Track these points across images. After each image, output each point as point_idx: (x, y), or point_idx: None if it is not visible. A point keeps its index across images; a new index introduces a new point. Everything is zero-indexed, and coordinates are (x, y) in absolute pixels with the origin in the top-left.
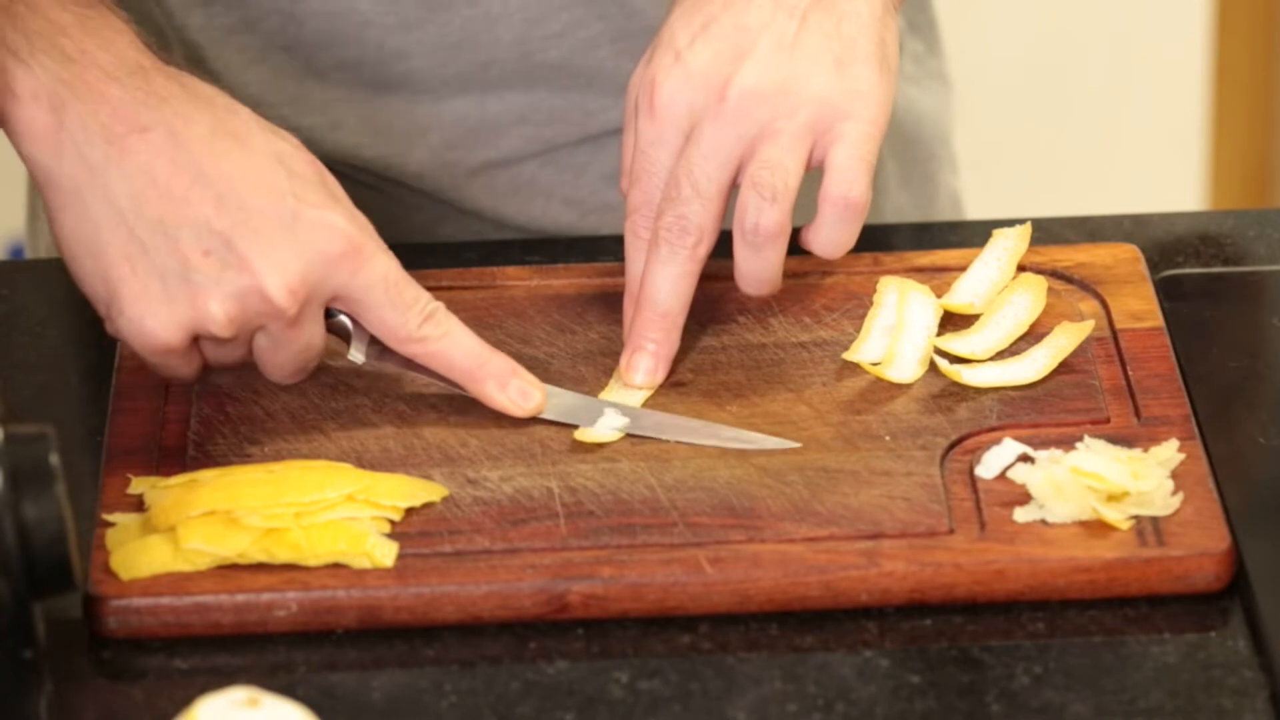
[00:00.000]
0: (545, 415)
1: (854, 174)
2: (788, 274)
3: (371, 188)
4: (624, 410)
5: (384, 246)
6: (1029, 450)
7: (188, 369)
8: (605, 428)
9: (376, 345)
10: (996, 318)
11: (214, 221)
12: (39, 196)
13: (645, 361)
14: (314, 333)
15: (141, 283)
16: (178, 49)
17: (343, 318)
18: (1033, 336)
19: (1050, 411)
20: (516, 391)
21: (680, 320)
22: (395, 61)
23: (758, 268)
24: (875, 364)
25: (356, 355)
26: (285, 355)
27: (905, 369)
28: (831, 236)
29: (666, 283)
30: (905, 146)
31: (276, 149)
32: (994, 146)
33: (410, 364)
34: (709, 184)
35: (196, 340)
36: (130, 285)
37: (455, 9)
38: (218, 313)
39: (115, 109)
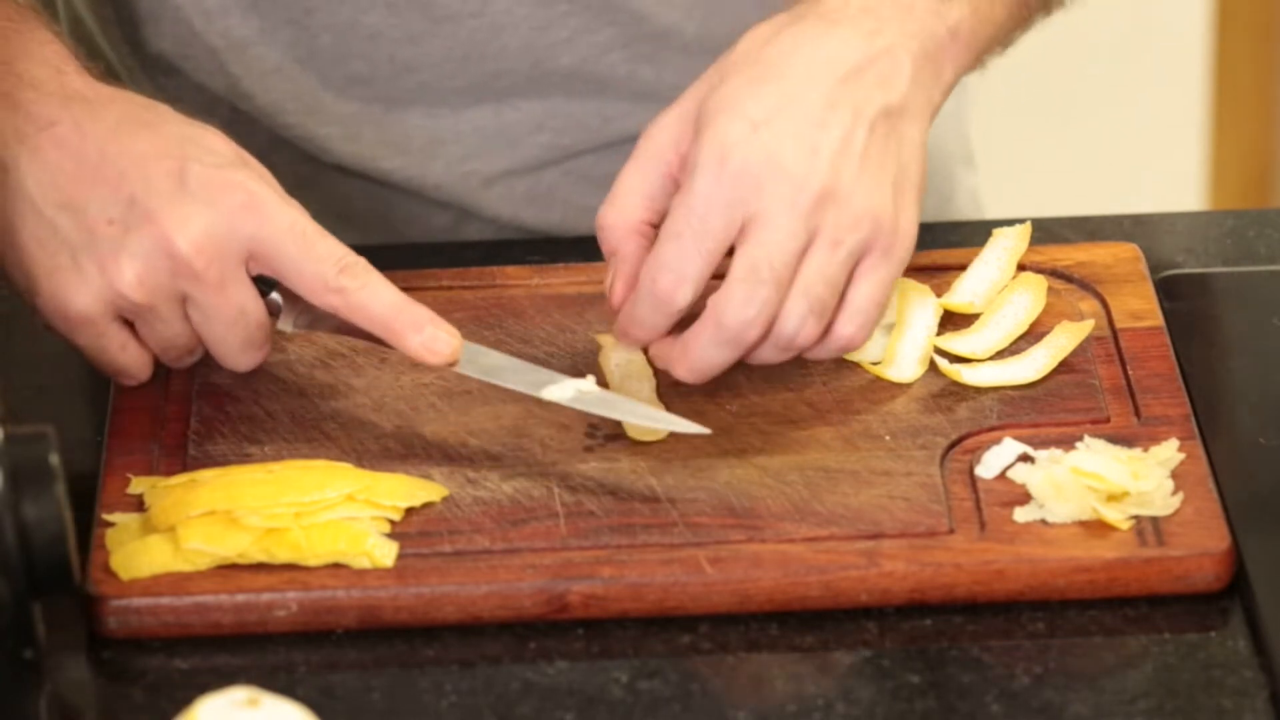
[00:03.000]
0: (501, 383)
1: (866, 319)
2: None
3: (391, 191)
4: (573, 385)
5: (293, 203)
6: (1029, 450)
7: (124, 355)
8: (555, 394)
9: (306, 314)
10: (996, 317)
11: (117, 192)
12: None
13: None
14: (244, 297)
15: (52, 260)
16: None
17: (275, 295)
18: (1033, 336)
19: (1050, 411)
20: (430, 338)
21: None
22: (406, 75)
23: (771, 360)
24: (875, 364)
25: (285, 325)
26: (221, 326)
27: (905, 369)
28: (816, 354)
29: (713, 361)
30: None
31: (187, 133)
32: (994, 146)
33: (340, 326)
34: (785, 271)
35: (125, 321)
36: (41, 265)
37: (460, 20)
38: (128, 274)
39: (26, 111)
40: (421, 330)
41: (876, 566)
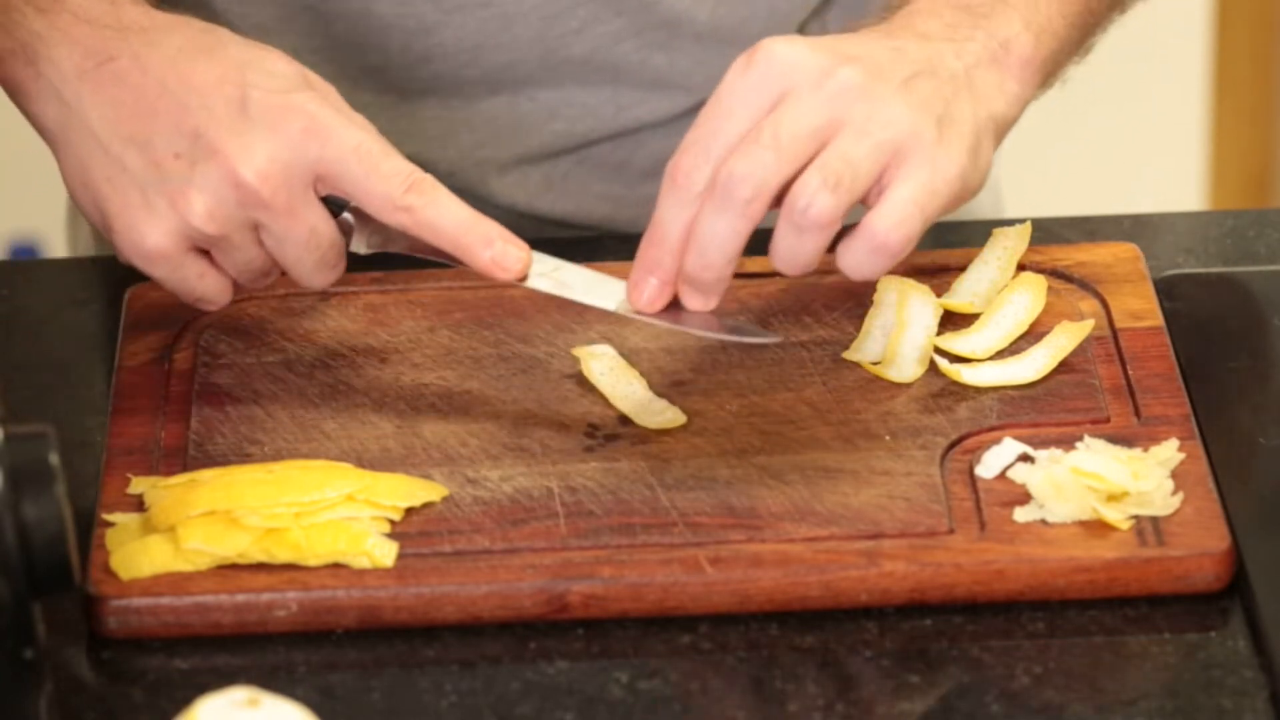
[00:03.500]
0: (544, 288)
1: (904, 219)
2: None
3: None
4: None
5: (357, 122)
6: (1029, 450)
7: (203, 283)
8: (608, 300)
9: (379, 234)
10: (996, 317)
11: (181, 125)
12: None
13: (645, 284)
14: (315, 219)
15: (123, 198)
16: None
17: (346, 215)
18: (1033, 336)
19: (1050, 411)
20: (501, 253)
21: (728, 271)
22: (420, 65)
23: (793, 248)
24: (875, 364)
25: (359, 245)
26: (295, 249)
27: (905, 368)
28: (855, 261)
29: (716, 235)
30: None
31: (248, 56)
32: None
33: (413, 244)
34: (793, 143)
35: (200, 250)
36: (114, 203)
37: (470, 11)
38: (198, 207)
39: (84, 47)
40: (491, 245)
41: (876, 566)
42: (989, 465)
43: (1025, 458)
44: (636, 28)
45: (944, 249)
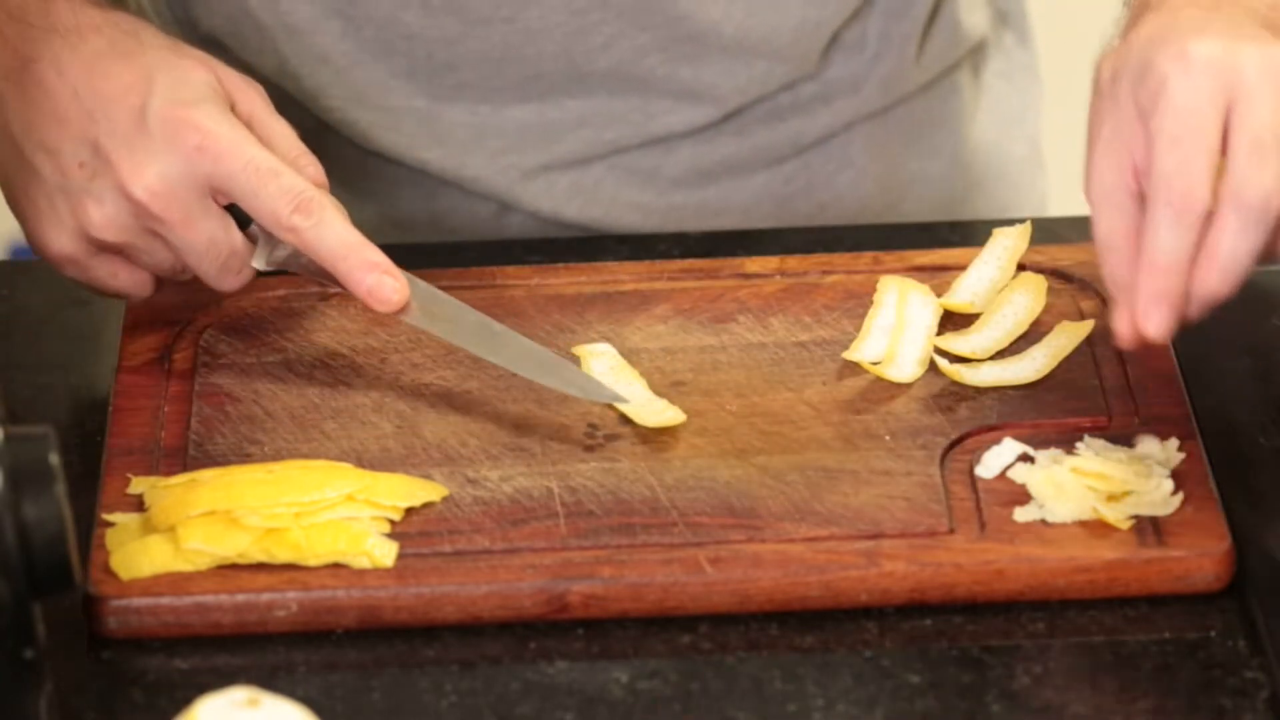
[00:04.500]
0: (450, 340)
1: None
2: (788, 274)
3: (434, 180)
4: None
5: (251, 140)
6: (1029, 450)
7: (116, 280)
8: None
9: (280, 250)
10: (996, 317)
11: (85, 135)
12: None
13: (1157, 313)
14: (213, 229)
15: (33, 202)
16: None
17: (253, 228)
18: (1033, 336)
19: (1050, 411)
20: (376, 283)
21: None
22: (447, 73)
23: (1247, 247)
24: (875, 363)
25: (259, 261)
26: (194, 257)
27: (905, 368)
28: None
29: (1241, 254)
30: (988, 147)
31: (163, 62)
32: None
33: (307, 265)
34: (1277, 141)
35: (114, 249)
36: (26, 207)
37: (494, 24)
38: (95, 217)
39: (11, 47)
40: (370, 273)
41: (876, 566)
42: (989, 465)
43: (1025, 458)
44: (662, 42)
45: (944, 249)
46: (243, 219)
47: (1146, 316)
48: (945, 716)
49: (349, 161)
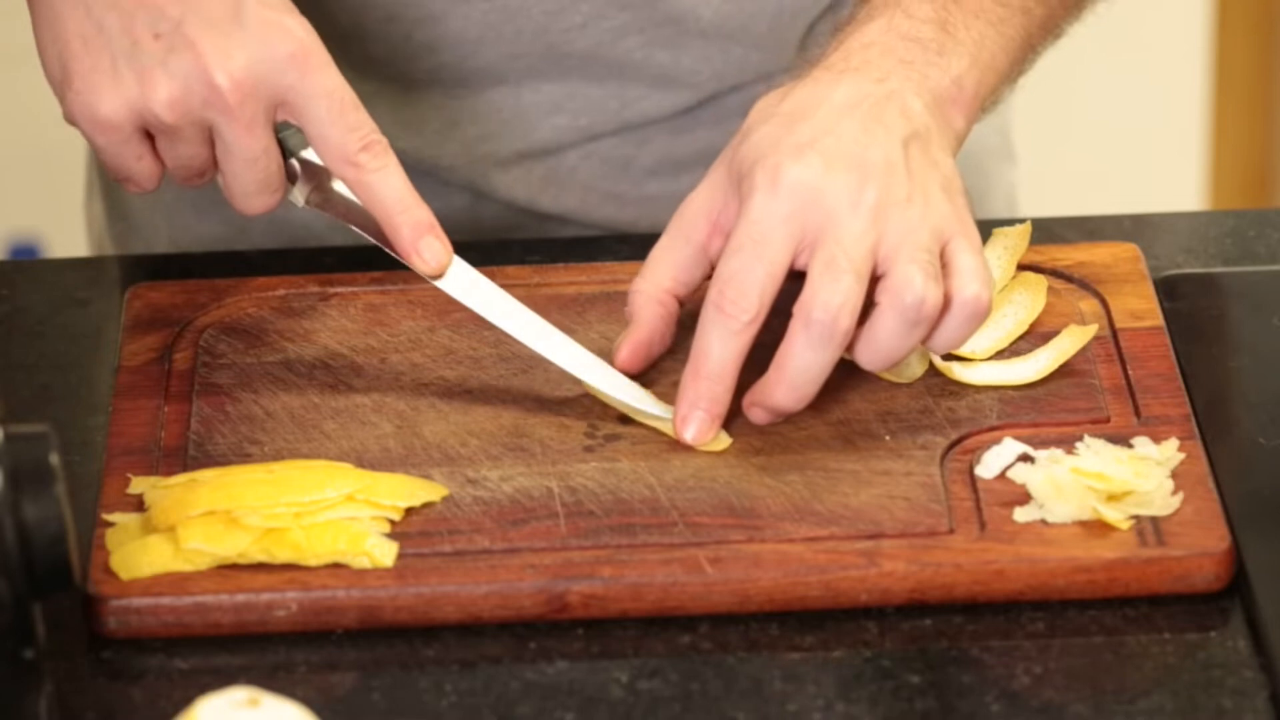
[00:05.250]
0: (456, 295)
1: (983, 277)
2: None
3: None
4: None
5: (336, 68)
6: (1029, 450)
7: (139, 165)
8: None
9: (319, 192)
10: (996, 317)
11: (169, 8)
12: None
13: (694, 419)
14: (265, 142)
15: (93, 60)
16: None
17: (293, 161)
18: (1034, 336)
19: (1050, 411)
20: (425, 246)
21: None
22: (423, 55)
23: (900, 342)
24: None
25: (297, 197)
26: (241, 163)
27: (905, 368)
28: (956, 335)
29: (812, 368)
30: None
31: None
32: None
33: (346, 213)
34: (865, 263)
35: (149, 134)
36: (82, 62)
37: (473, 3)
38: (162, 93)
39: None
40: (419, 231)
41: (876, 566)
42: (989, 465)
43: (1025, 458)
44: (640, 24)
45: None
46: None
47: (685, 422)
48: (945, 716)
49: None
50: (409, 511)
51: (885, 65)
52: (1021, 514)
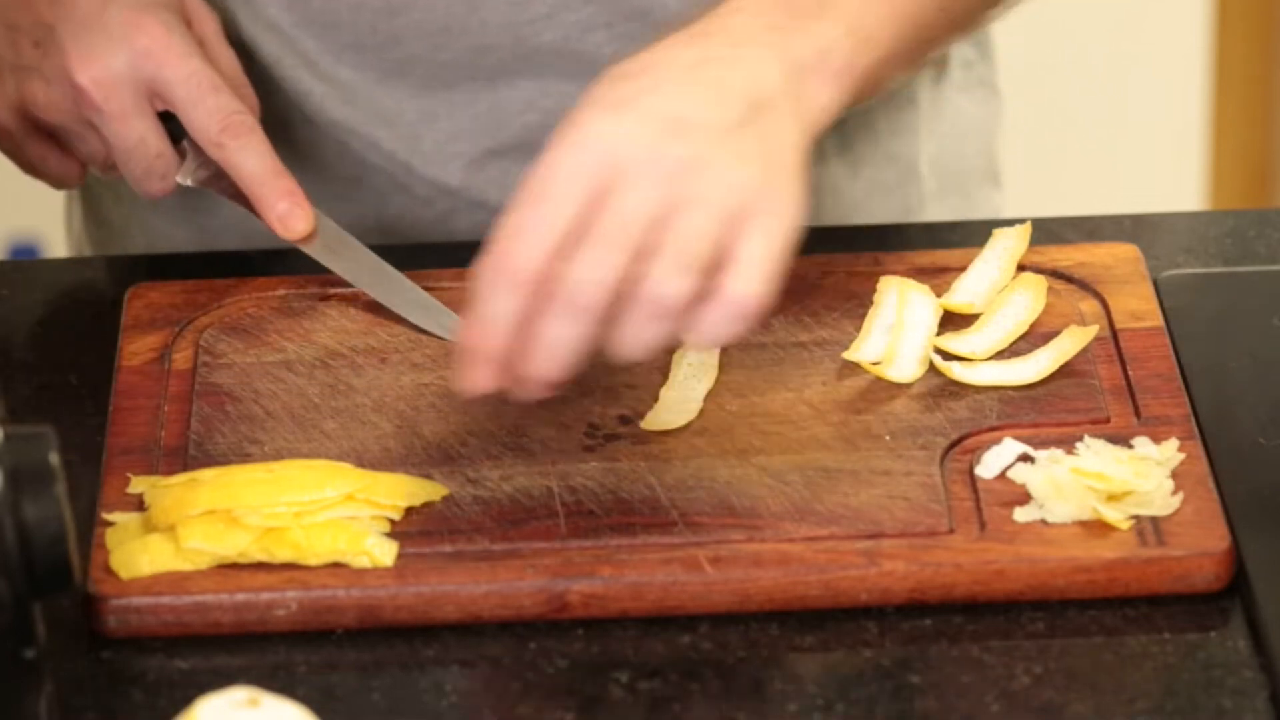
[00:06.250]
0: (323, 260)
1: (760, 275)
2: (788, 274)
3: (384, 178)
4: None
5: (199, 55)
6: (1029, 450)
7: (45, 165)
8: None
9: (205, 169)
10: (996, 317)
11: (44, 18)
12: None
13: (483, 377)
14: (144, 129)
15: None
16: None
17: (185, 143)
18: (1034, 336)
19: (1050, 411)
20: (287, 210)
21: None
22: (391, 46)
23: (643, 335)
24: (875, 364)
25: (185, 177)
26: (123, 153)
27: (905, 369)
28: (715, 332)
29: (562, 341)
30: (944, 159)
31: None
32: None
33: (229, 190)
34: (635, 234)
35: (48, 134)
36: None
37: None
38: (39, 96)
39: None
40: (284, 199)
41: (876, 566)
42: (989, 465)
43: (1025, 458)
44: (606, 17)
45: (944, 249)
46: (177, 134)
47: (468, 375)
48: (945, 716)
49: (303, 146)
50: (409, 511)
51: (749, 30)
52: (1021, 514)
